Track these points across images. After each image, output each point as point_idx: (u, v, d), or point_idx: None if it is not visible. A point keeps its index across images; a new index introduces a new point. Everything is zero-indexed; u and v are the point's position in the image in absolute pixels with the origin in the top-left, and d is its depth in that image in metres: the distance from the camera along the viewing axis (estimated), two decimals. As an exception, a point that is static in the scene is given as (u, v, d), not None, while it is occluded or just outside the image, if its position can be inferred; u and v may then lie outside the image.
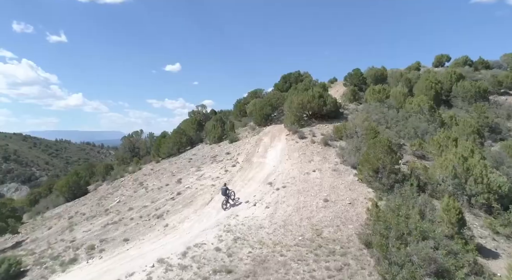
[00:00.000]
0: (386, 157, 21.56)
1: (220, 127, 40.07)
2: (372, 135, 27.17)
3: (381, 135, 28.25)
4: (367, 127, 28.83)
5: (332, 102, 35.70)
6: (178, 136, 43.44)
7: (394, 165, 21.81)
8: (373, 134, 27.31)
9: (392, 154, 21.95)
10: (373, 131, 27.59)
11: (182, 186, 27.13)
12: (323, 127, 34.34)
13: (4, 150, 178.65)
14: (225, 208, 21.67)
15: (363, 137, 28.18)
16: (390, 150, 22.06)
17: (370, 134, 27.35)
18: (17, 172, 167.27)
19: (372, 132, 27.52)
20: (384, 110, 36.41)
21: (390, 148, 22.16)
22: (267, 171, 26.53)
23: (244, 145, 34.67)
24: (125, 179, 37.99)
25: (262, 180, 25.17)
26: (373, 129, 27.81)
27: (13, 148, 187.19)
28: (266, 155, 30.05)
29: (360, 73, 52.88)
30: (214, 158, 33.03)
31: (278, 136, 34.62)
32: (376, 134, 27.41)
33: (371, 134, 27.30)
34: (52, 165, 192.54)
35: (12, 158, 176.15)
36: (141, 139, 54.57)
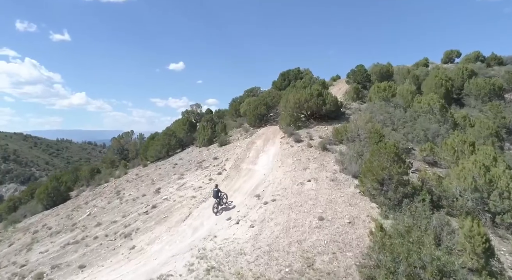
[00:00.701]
0: (393, 166, 18.19)
1: (210, 129, 36.73)
2: (376, 139, 23.80)
3: (386, 138, 24.92)
4: (370, 130, 25.49)
5: (332, 101, 32.30)
6: (167, 138, 40.19)
7: (403, 176, 18.42)
8: (378, 138, 23.93)
9: (400, 162, 18.55)
10: (377, 134, 24.19)
11: (160, 198, 23.93)
12: (322, 129, 31.00)
13: (4, 150, 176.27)
14: (216, 211, 20.20)
15: (366, 141, 24.84)
16: (398, 157, 18.66)
17: (374, 137, 23.98)
18: (16, 172, 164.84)
19: (376, 135, 24.14)
20: (390, 110, 32.95)
21: (397, 156, 18.75)
22: (256, 181, 23.28)
23: (234, 149, 31.41)
24: (107, 185, 34.85)
25: (249, 191, 21.92)
26: (377, 132, 24.41)
27: (13, 148, 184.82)
28: (257, 161, 26.79)
29: (364, 70, 49.37)
30: (200, 163, 29.81)
31: (272, 138, 31.33)
32: (381, 138, 24.03)
33: (375, 138, 23.93)
34: (52, 165, 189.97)
35: (12, 158, 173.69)
36: (131, 141, 51.35)
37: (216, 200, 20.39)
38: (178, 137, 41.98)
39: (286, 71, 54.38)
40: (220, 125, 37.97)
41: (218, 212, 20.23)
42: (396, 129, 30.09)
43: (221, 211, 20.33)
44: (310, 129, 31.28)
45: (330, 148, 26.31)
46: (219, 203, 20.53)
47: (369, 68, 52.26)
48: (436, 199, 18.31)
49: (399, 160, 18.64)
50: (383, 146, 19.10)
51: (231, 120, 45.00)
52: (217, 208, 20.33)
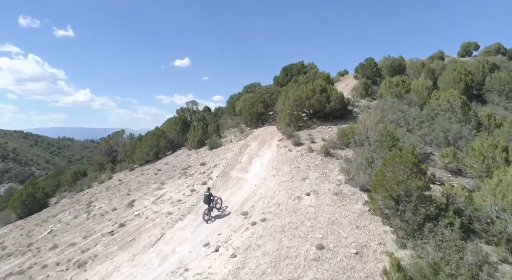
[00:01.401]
0: (411, 179, 14.61)
1: (201, 129, 33.21)
2: (389, 143, 20.24)
3: (401, 142, 21.33)
4: (382, 131, 21.90)
5: (337, 98, 28.67)
6: (155, 139, 36.78)
7: (424, 192, 14.83)
8: (391, 142, 20.34)
9: (419, 174, 14.98)
10: (390, 137, 20.58)
11: (131, 213, 20.57)
12: (325, 130, 27.45)
13: (3, 148, 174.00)
14: (207, 219, 17.92)
15: (377, 145, 21.24)
16: (417, 168, 15.08)
17: (386, 141, 20.39)
18: (15, 171, 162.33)
19: (389, 138, 20.53)
20: (404, 108, 29.27)
21: (416, 166, 15.17)
22: (245, 193, 19.86)
23: (225, 152, 27.98)
24: (87, 192, 31.54)
25: (236, 207, 18.47)
26: (390, 134, 20.79)
27: (13, 146, 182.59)
28: (249, 168, 23.38)
29: (374, 63, 45.61)
30: (185, 170, 26.42)
31: (269, 141, 27.85)
32: (394, 141, 20.43)
33: (388, 142, 20.34)
34: (53, 164, 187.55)
35: (11, 157, 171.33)
36: (122, 141, 48.02)
37: (208, 206, 18.10)
38: (169, 138, 38.60)
39: (288, 66, 50.73)
40: (212, 125, 34.41)
41: (210, 220, 17.89)
42: (411, 130, 26.48)
43: (213, 219, 17.99)
44: (312, 130, 27.76)
45: (334, 153, 22.80)
46: (211, 209, 18.23)
47: (379, 61, 48.56)
48: (465, 220, 14.68)
49: (418, 172, 15.09)
50: (398, 154, 15.48)
51: (229, 119, 41.52)
52: (208, 215, 18.02)
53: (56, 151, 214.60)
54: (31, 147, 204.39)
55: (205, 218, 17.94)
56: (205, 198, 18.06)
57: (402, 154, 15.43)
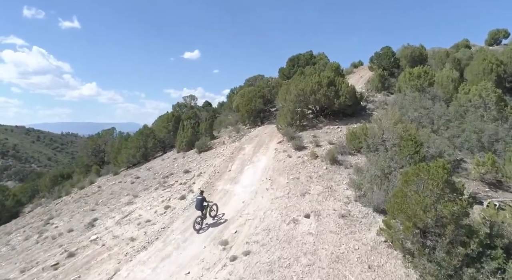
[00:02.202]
0: (444, 203, 11.04)
1: (191, 128, 29.74)
2: (410, 148, 16.60)
3: (425, 147, 17.71)
4: (401, 133, 18.30)
5: (348, 92, 25.00)
6: (142, 140, 33.46)
7: (461, 220, 11.22)
8: (413, 147, 16.68)
9: (454, 196, 11.37)
10: (412, 141, 16.88)
11: (87, 237, 17.29)
12: (333, 131, 23.90)
13: (2, 144, 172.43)
14: (198, 228, 15.73)
15: (396, 150, 17.61)
16: (451, 187, 11.48)
17: (407, 146, 16.73)
18: (15, 169, 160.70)
19: (410, 142, 16.85)
20: (427, 104, 25.50)
21: (449, 184, 11.55)
22: (229, 213, 16.52)
23: (215, 157, 24.63)
24: (62, 200, 28.38)
25: (214, 233, 14.98)
26: (412, 138, 17.09)
27: (13, 142, 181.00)
28: (240, 178, 20.02)
29: (391, 53, 41.64)
30: (166, 179, 23.16)
31: (266, 143, 24.40)
32: (417, 147, 16.75)
33: (409, 147, 16.68)
34: (55, 161, 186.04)
35: (11, 154, 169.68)
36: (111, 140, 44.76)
37: (201, 213, 16.00)
38: (159, 137, 35.28)
39: (295, 56, 46.90)
40: (204, 123, 30.90)
41: (202, 229, 15.71)
42: (436, 130, 22.80)
43: (206, 228, 15.81)
44: (317, 131, 24.22)
45: (343, 160, 19.28)
46: (204, 217, 16.09)
47: (398, 51, 44.56)
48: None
49: (452, 191, 11.48)
50: (424, 168, 11.84)
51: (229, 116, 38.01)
52: (200, 224, 15.86)
53: (59, 148, 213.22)
54: (33, 143, 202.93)
55: (196, 227, 15.66)
56: (197, 203, 15.90)
57: (429, 168, 11.80)
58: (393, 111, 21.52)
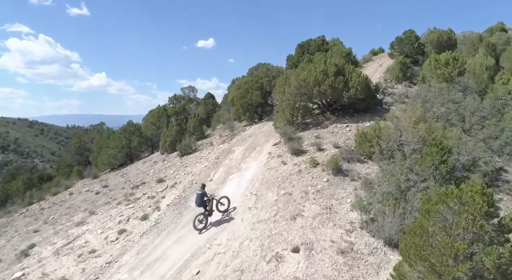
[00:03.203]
0: (484, 247, 7.86)
1: (176, 126, 26.64)
2: (435, 157, 13.29)
3: (454, 154, 14.38)
4: (424, 136, 15.03)
5: (359, 83, 21.55)
6: (125, 138, 30.54)
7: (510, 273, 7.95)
8: (438, 154, 13.34)
9: (499, 235, 8.17)
10: (437, 147, 13.49)
11: (10, 274, 14.34)
12: (341, 130, 20.63)
13: (3, 138, 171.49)
14: (201, 228, 14.41)
15: (416, 159, 14.34)
16: (493, 225, 8.24)
17: (431, 153, 13.39)
18: (15, 164, 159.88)
19: (434, 148, 13.48)
20: (457, 97, 21.95)
21: (491, 217, 8.28)
22: (194, 243, 13.34)
23: (197, 162, 21.67)
24: (28, 209, 25.68)
25: (169, 274, 11.89)
26: (437, 143, 13.68)
27: (15, 136, 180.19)
28: (220, 192, 17.05)
29: (415, 37, 37.86)
30: (134, 190, 20.42)
31: (261, 145, 21.29)
32: (444, 154, 13.38)
33: (434, 155, 13.34)
34: (59, 156, 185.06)
35: (11, 148, 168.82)
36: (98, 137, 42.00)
37: (205, 210, 14.60)
38: (146, 135, 32.36)
39: (306, 42, 43.38)
40: (192, 120, 27.76)
41: (205, 229, 14.37)
42: (468, 130, 19.36)
43: (209, 226, 14.47)
44: (322, 130, 20.97)
45: (349, 170, 16.01)
46: (208, 214, 14.70)
47: (423, 35, 40.79)
48: None
49: (497, 230, 8.27)
50: (455, 195, 8.52)
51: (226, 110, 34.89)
52: (203, 222, 14.51)
53: (64, 141, 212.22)
54: (36, 136, 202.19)
55: (198, 227, 14.34)
56: (197, 198, 14.55)
57: (462, 193, 8.54)
58: (415, 107, 18.16)
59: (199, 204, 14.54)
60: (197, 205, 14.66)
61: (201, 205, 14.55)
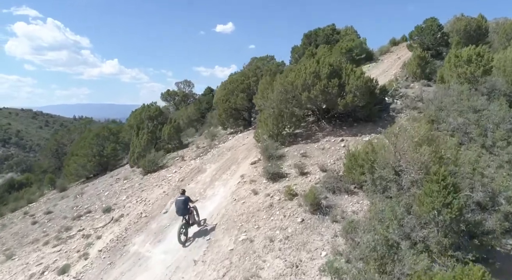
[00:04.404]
0: None
1: (148, 134, 24.19)
2: (435, 198, 10.55)
3: (465, 189, 11.67)
4: (427, 162, 12.37)
5: (358, 88, 18.67)
6: (97, 144, 28.24)
7: None
8: (439, 194, 10.54)
9: None
10: (439, 185, 10.63)
11: None
12: (334, 145, 17.94)
13: (4, 130, 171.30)
14: (184, 240, 13.49)
15: (417, 194, 11.65)
16: None
17: (432, 193, 10.61)
18: (17, 158, 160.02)
19: (435, 185, 10.64)
20: (479, 103, 18.94)
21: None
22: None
23: (157, 185, 19.24)
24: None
25: None
26: (439, 178, 10.78)
27: (17, 128, 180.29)
28: (169, 232, 14.44)
29: (438, 26, 34.67)
30: (73, 223, 18.28)
31: (238, 163, 18.86)
32: (448, 194, 10.56)
33: (434, 194, 10.57)
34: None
35: (13, 141, 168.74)
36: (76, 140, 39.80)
37: (184, 219, 13.82)
38: (124, 141, 30.04)
39: (313, 31, 40.43)
40: (167, 127, 25.23)
41: (188, 241, 13.68)
42: (490, 147, 16.54)
43: (191, 239, 13.75)
44: (312, 145, 18.30)
45: (332, 206, 13.39)
46: (188, 225, 13.95)
47: (447, 23, 37.50)
48: None
49: None
50: None
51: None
52: (186, 235, 13.74)
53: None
54: (40, 128, 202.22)
55: (182, 239, 13.45)
56: (179, 205, 13.68)
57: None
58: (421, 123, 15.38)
59: (182, 212, 13.65)
60: (178, 214, 13.78)
61: (184, 213, 13.70)
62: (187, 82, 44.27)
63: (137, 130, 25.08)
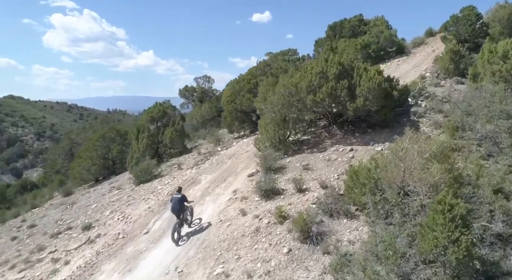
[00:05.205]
0: None
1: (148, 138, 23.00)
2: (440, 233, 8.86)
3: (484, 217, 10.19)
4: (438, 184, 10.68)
5: (371, 90, 16.85)
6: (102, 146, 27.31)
7: None
8: (446, 228, 8.80)
9: None
10: (444, 217, 8.87)
11: None
12: (341, 156, 16.25)
13: (39, 124, 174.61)
14: (177, 238, 13.58)
15: (418, 229, 9.93)
16: None
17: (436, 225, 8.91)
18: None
19: (440, 217, 8.89)
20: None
21: None
22: None
23: (144, 199, 17.94)
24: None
25: None
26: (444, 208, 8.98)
27: (51, 121, 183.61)
28: (143, 259, 13.28)
29: (476, 16, 32.18)
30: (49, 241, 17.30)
31: (236, 174, 17.64)
32: (456, 227, 8.79)
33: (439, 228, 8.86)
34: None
35: (47, 134, 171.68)
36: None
37: (177, 219, 13.77)
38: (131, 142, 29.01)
39: (338, 22, 38.37)
40: (169, 130, 23.95)
41: (182, 240, 13.70)
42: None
43: (186, 238, 13.75)
44: (317, 155, 16.72)
45: (326, 233, 11.81)
46: (182, 224, 13.96)
47: (488, 12, 34.84)
48: None
49: None
50: None
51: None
52: (179, 233, 13.76)
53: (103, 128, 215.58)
54: (75, 122, 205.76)
55: (175, 238, 13.53)
56: (174, 203, 13.75)
57: None
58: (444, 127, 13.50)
59: (178, 211, 13.64)
60: (174, 212, 13.73)
61: (179, 213, 13.68)
62: (206, 78, 43.04)
63: (137, 133, 23.93)
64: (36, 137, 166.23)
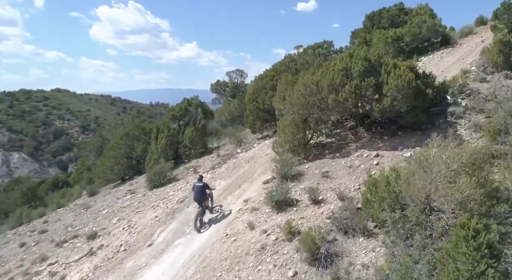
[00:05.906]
0: None
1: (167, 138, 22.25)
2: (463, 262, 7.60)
3: None
4: (465, 202, 9.40)
5: (400, 88, 15.40)
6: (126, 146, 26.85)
7: None
8: (470, 257, 7.53)
9: None
10: (467, 245, 7.57)
11: None
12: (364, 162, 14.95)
13: (84, 117, 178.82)
14: (199, 226, 14.06)
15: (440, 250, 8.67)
16: None
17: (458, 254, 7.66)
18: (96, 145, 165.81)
19: (463, 244, 7.61)
20: None
21: None
22: None
23: (154, 206, 17.20)
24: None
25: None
26: (468, 235, 7.68)
27: (95, 114, 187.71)
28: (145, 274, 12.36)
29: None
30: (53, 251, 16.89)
31: (252, 180, 16.85)
32: (483, 258, 7.50)
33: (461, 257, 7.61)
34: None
35: (91, 128, 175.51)
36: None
37: (200, 206, 14.30)
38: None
39: (377, 11, 36.48)
40: (189, 129, 23.11)
41: (204, 227, 14.10)
42: None
43: (208, 225, 14.12)
44: (339, 161, 15.50)
45: (337, 254, 10.69)
46: (204, 211, 14.47)
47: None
48: None
49: None
50: None
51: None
52: (201, 222, 14.24)
53: (146, 121, 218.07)
54: (118, 115, 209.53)
55: (197, 226, 13.96)
56: (197, 191, 14.22)
57: None
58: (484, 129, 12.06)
59: (200, 198, 14.14)
60: (196, 200, 14.21)
61: (201, 201, 14.17)
62: (239, 72, 42.04)
63: (156, 132, 23.24)
64: (81, 130, 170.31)
